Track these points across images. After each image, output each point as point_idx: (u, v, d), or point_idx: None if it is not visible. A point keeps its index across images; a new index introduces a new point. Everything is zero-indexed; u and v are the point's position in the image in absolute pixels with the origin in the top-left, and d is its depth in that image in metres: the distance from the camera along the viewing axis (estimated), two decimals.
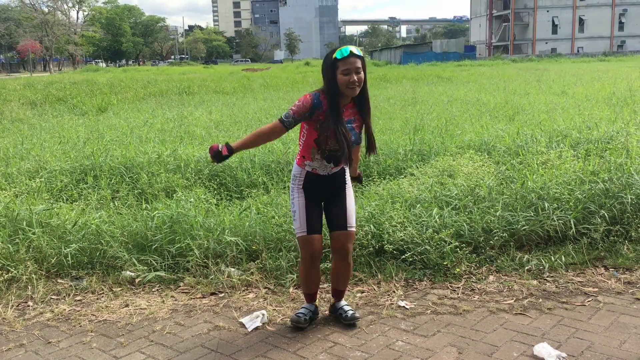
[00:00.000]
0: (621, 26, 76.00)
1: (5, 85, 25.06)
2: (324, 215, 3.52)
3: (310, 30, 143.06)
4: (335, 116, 3.21)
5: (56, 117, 13.10)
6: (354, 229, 3.49)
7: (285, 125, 3.22)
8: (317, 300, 3.67)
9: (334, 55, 3.18)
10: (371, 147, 3.46)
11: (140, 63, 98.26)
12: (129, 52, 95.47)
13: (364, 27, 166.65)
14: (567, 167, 5.52)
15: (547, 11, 75.67)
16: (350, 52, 3.15)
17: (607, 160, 5.60)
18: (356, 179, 3.82)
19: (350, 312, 3.53)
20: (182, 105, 15.36)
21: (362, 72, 3.19)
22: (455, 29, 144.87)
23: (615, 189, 4.83)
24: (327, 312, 3.69)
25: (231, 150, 3.22)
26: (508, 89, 16.88)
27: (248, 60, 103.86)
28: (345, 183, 3.50)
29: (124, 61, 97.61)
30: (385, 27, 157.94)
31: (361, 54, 3.21)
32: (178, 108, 14.26)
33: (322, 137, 3.24)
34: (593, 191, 4.86)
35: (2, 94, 19.90)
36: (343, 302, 3.61)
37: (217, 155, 3.22)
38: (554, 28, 75.90)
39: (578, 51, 72.78)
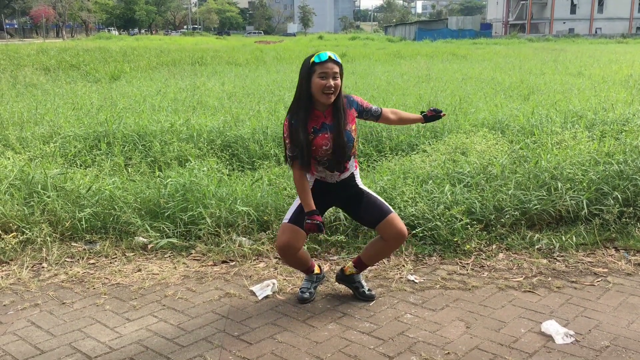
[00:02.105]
0: None
1: (19, 50, 25.08)
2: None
3: (324, 3, 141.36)
4: (304, 120, 3.19)
5: (69, 83, 13.13)
6: (394, 212, 3.39)
7: (294, 159, 3.25)
8: (316, 267, 3.59)
9: (311, 60, 3.16)
10: (342, 155, 3.26)
11: (153, 32, 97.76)
12: (142, 21, 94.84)
13: (379, 2, 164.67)
14: (582, 148, 5.48)
15: None
16: (329, 57, 3.13)
17: (623, 142, 5.55)
18: (433, 118, 3.63)
19: (368, 287, 3.56)
20: (195, 75, 15.33)
21: (339, 79, 3.17)
22: (471, 6, 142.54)
23: (630, 171, 4.80)
24: (334, 280, 3.69)
25: (316, 212, 3.23)
26: (524, 69, 16.68)
27: (261, 33, 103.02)
28: (361, 189, 3.43)
29: (136, 30, 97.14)
30: (401, 2, 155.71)
31: (339, 60, 3.18)
32: (191, 78, 14.24)
33: (313, 149, 3.23)
34: (607, 172, 4.83)
35: (16, 59, 19.95)
36: (361, 276, 3.60)
37: (320, 227, 3.21)
38: (573, 8, 74.38)
39: (596, 32, 71.48)
